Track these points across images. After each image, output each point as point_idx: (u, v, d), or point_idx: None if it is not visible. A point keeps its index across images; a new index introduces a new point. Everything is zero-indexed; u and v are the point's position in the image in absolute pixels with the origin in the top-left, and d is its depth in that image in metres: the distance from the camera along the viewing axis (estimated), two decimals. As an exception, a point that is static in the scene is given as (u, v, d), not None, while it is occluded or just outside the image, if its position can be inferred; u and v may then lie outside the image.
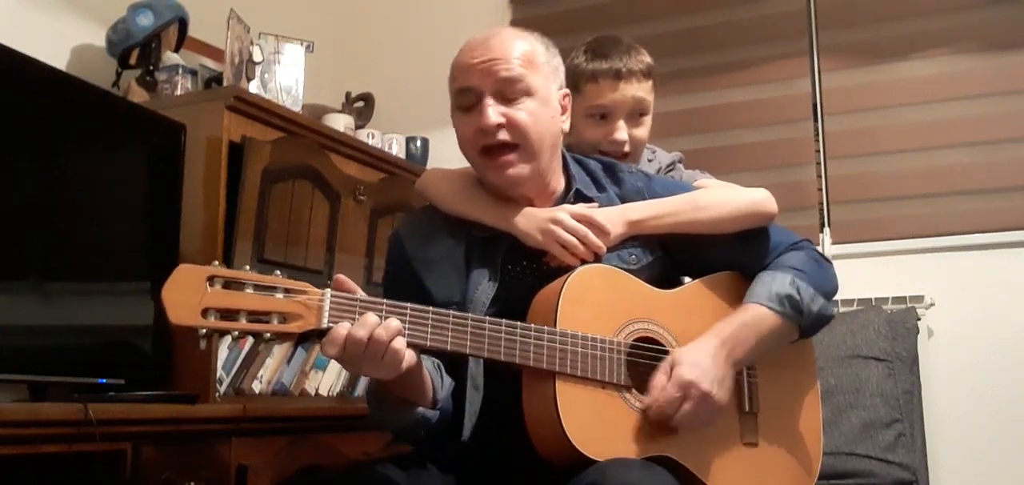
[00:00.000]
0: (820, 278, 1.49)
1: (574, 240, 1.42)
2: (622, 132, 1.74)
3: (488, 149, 1.43)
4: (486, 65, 1.41)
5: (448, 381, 1.40)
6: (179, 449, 1.75)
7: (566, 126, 1.51)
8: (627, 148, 1.75)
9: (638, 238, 1.49)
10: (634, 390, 1.36)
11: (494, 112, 1.40)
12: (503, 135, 1.41)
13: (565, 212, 1.44)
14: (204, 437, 1.80)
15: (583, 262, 1.42)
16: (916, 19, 2.71)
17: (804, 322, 1.46)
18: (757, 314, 1.43)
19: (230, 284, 1.13)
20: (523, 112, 1.41)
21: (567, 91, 1.52)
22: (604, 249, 1.44)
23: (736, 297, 1.48)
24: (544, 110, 1.43)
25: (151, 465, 1.69)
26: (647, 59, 1.78)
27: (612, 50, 1.77)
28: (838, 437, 2.22)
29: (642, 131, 1.78)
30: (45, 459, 1.51)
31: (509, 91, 1.41)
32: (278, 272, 1.19)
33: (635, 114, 1.76)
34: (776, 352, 1.49)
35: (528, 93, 1.41)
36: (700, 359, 1.35)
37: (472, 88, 1.42)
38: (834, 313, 1.51)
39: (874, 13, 2.76)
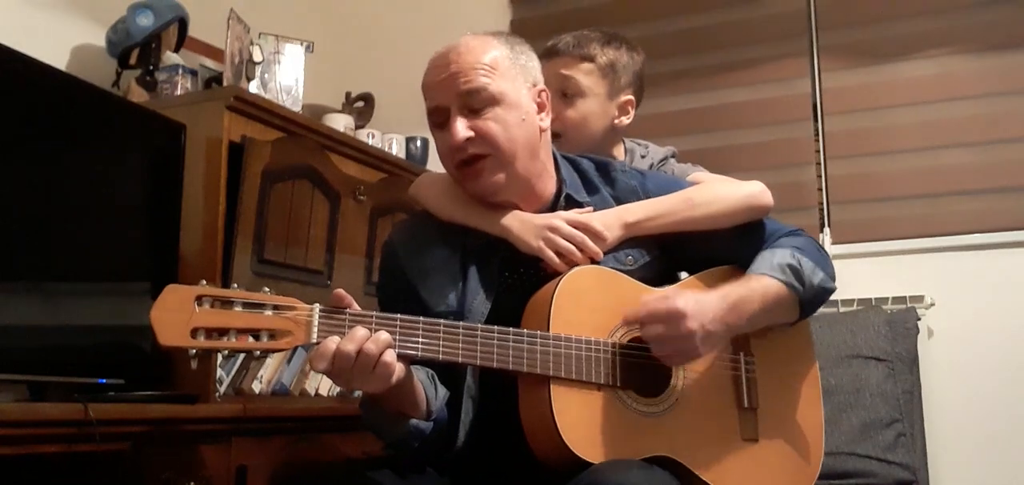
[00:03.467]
0: (819, 258, 1.50)
1: (571, 247, 1.42)
2: None
3: (462, 163, 1.43)
4: (448, 81, 1.41)
5: (442, 391, 1.39)
6: (179, 449, 1.75)
7: (545, 123, 1.50)
8: (555, 125, 1.76)
9: (635, 239, 1.48)
10: (630, 391, 1.36)
11: (462, 127, 1.40)
12: (473, 148, 1.41)
13: (561, 218, 1.44)
14: (204, 437, 1.80)
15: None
16: (916, 19, 2.71)
17: (805, 293, 1.45)
18: (763, 282, 1.42)
19: (219, 303, 1.14)
20: (491, 121, 1.40)
21: (543, 87, 1.51)
22: (601, 255, 1.44)
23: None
24: (513, 113, 1.42)
25: (151, 465, 1.68)
26: (593, 49, 1.80)
27: (567, 34, 1.81)
28: (838, 437, 2.22)
29: (573, 112, 1.78)
30: (45, 459, 1.51)
31: (474, 102, 1.40)
32: (267, 289, 1.19)
33: (560, 92, 1.77)
34: (775, 345, 1.49)
35: (494, 101, 1.41)
36: (701, 300, 1.34)
37: (439, 106, 1.43)
38: (834, 287, 1.51)
39: (874, 13, 2.76)
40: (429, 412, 1.35)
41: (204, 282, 1.15)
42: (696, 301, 1.33)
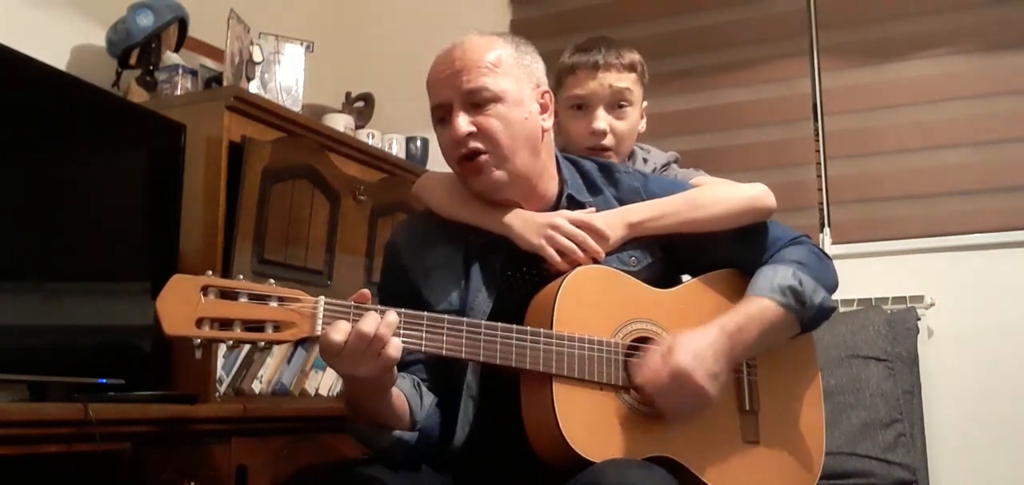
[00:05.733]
0: (821, 271, 1.49)
1: (572, 246, 1.42)
2: (601, 121, 1.74)
3: (463, 158, 1.43)
4: (452, 78, 1.41)
5: (429, 400, 1.40)
6: (179, 449, 1.75)
7: (548, 124, 1.50)
8: (609, 139, 1.75)
9: (638, 240, 1.48)
10: (632, 391, 1.36)
11: (463, 122, 1.40)
12: (474, 143, 1.41)
13: (563, 217, 1.44)
14: (204, 437, 1.80)
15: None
16: (916, 19, 2.71)
17: (806, 314, 1.45)
18: (761, 306, 1.42)
19: (224, 294, 1.13)
20: (493, 118, 1.40)
21: (547, 88, 1.51)
22: (603, 254, 1.44)
23: (735, 293, 1.47)
24: (516, 112, 1.42)
25: (151, 465, 1.68)
26: (632, 56, 1.79)
27: (594, 45, 1.78)
28: (838, 437, 2.22)
29: (624, 124, 1.77)
30: (45, 459, 1.51)
31: (477, 99, 1.41)
32: (272, 281, 1.19)
33: (614, 104, 1.76)
34: (777, 349, 1.48)
35: (496, 98, 1.41)
36: (700, 349, 1.34)
37: (442, 102, 1.43)
38: (836, 306, 1.51)
39: (874, 13, 2.76)
40: (413, 423, 1.35)
41: (210, 272, 1.15)
42: (694, 354, 1.32)
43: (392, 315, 1.19)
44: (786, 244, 1.52)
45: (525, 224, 1.44)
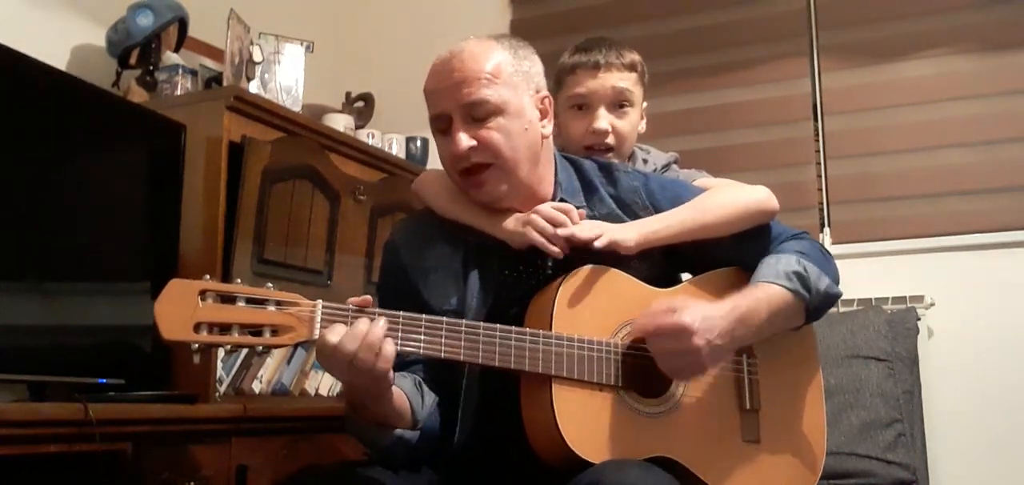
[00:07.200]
0: (823, 263, 1.50)
1: (549, 226, 1.40)
2: (603, 121, 1.74)
3: (465, 171, 1.43)
4: (451, 90, 1.40)
5: (429, 399, 1.40)
6: (179, 449, 1.75)
7: (548, 130, 1.49)
8: (611, 139, 1.75)
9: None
10: (632, 391, 1.36)
11: (465, 137, 1.39)
12: (476, 157, 1.40)
13: (544, 206, 1.44)
14: (204, 437, 1.80)
15: (575, 262, 1.40)
16: (916, 19, 2.71)
17: (811, 300, 1.44)
18: (768, 290, 1.41)
19: (222, 298, 1.14)
20: (494, 131, 1.40)
21: (545, 93, 1.50)
22: (578, 235, 1.41)
23: (735, 291, 1.46)
24: (517, 122, 1.42)
25: (151, 465, 1.69)
26: (632, 56, 1.79)
27: (594, 45, 1.78)
28: (838, 437, 2.22)
29: (625, 123, 1.76)
30: (45, 459, 1.51)
31: (478, 112, 1.40)
32: (270, 285, 1.19)
33: (615, 104, 1.76)
34: (778, 347, 1.48)
35: (497, 111, 1.40)
36: (709, 314, 1.33)
37: (442, 114, 1.42)
38: (841, 293, 1.51)
39: (874, 13, 2.76)
40: (415, 422, 1.35)
41: (208, 277, 1.15)
42: (703, 317, 1.32)
43: (381, 322, 1.19)
44: (787, 238, 1.53)
45: (515, 223, 1.44)
